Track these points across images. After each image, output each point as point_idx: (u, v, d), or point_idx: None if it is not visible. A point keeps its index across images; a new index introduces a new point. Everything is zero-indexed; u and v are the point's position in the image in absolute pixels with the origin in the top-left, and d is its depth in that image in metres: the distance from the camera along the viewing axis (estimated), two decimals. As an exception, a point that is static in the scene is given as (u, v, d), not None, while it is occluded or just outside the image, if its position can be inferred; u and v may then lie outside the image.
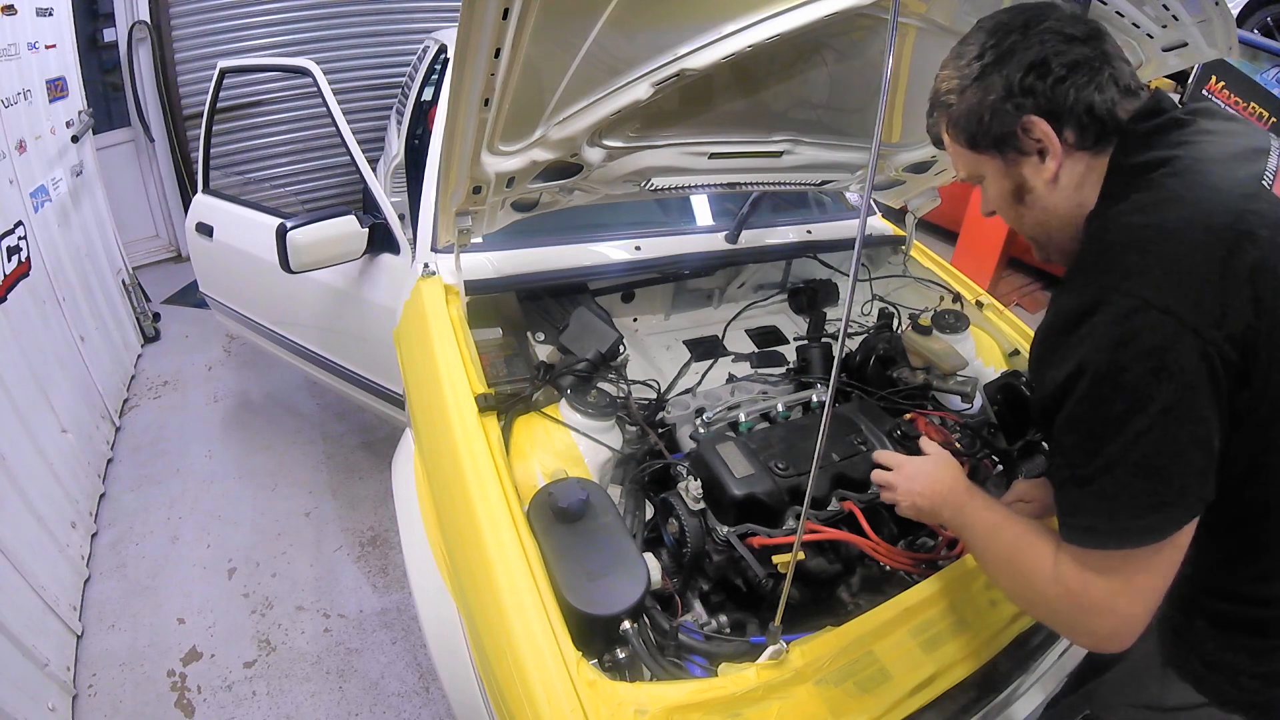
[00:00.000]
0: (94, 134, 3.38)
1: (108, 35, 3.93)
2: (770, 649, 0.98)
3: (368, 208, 2.06)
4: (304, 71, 2.20)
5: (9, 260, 2.19)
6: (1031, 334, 1.17)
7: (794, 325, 2.16)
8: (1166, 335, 0.68)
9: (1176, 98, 3.56)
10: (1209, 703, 0.87)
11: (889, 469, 1.09)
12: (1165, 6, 1.18)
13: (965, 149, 0.89)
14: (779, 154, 1.67)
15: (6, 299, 2.12)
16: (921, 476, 1.04)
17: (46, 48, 2.84)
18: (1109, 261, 0.74)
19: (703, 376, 1.78)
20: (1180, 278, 0.69)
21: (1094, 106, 0.79)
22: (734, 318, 2.07)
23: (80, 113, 3.14)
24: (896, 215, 2.19)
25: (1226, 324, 0.69)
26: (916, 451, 1.18)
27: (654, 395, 1.59)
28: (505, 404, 1.38)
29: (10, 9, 2.49)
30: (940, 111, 0.90)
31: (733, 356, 1.95)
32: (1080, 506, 0.75)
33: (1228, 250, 0.70)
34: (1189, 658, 0.90)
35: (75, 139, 3.02)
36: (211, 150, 2.57)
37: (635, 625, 1.02)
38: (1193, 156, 0.77)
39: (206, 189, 2.54)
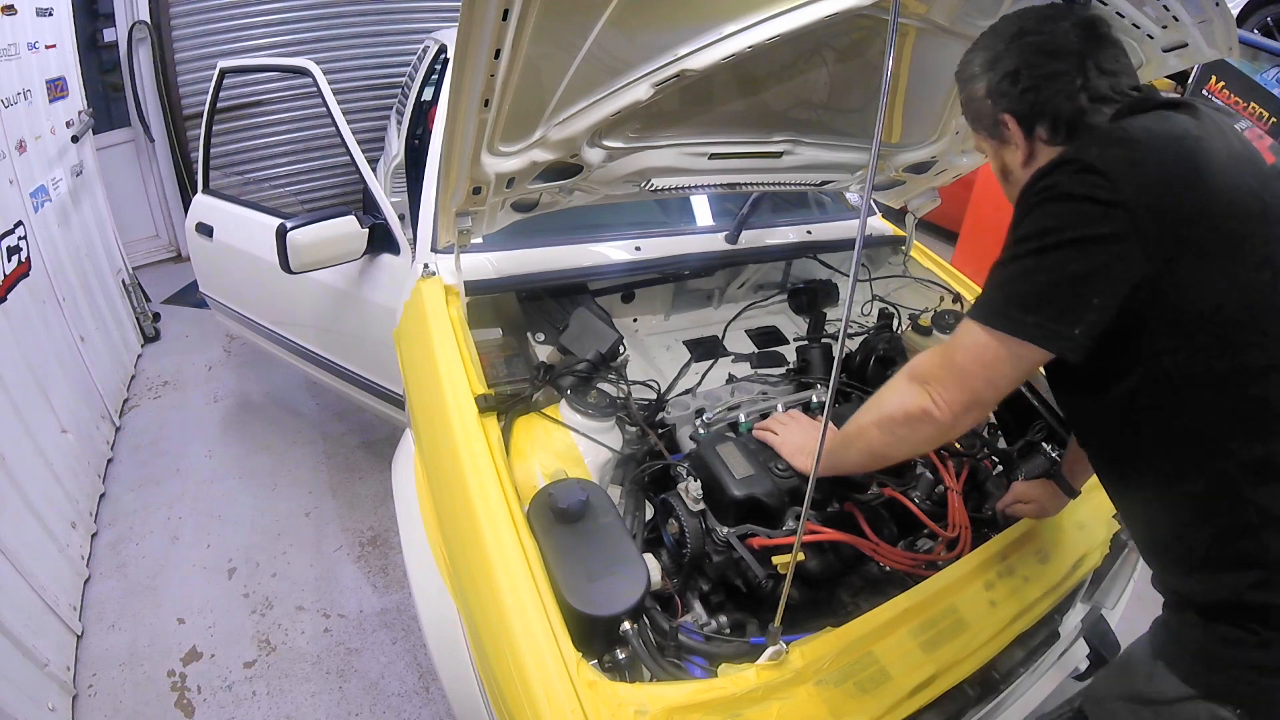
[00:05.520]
0: (94, 134, 3.38)
1: (108, 35, 3.93)
2: (770, 649, 0.98)
3: (368, 208, 2.06)
4: (304, 71, 2.20)
5: (9, 260, 2.19)
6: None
7: (794, 325, 2.16)
8: (1098, 190, 0.81)
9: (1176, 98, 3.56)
10: (1196, 695, 0.88)
11: (773, 431, 1.34)
12: (1165, 7, 1.17)
13: (972, 129, 1.08)
14: (779, 154, 1.67)
15: (6, 299, 2.12)
16: (798, 428, 1.33)
17: (46, 48, 2.84)
18: (1071, 150, 0.88)
19: (703, 377, 1.78)
20: (1127, 163, 0.82)
21: (1059, 112, 0.94)
22: (734, 318, 2.07)
23: (80, 113, 3.14)
24: (896, 215, 2.19)
25: (1160, 208, 0.80)
26: None
27: (654, 395, 1.59)
28: (505, 404, 1.38)
29: (10, 9, 2.49)
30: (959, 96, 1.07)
31: (733, 357, 1.95)
32: (986, 286, 0.91)
33: (1174, 156, 0.83)
34: (1178, 649, 0.92)
35: (75, 139, 3.02)
36: (211, 150, 2.57)
37: (635, 626, 1.02)
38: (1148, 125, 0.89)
39: (206, 189, 2.54)
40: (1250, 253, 0.82)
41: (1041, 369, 0.94)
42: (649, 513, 1.33)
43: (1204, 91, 3.43)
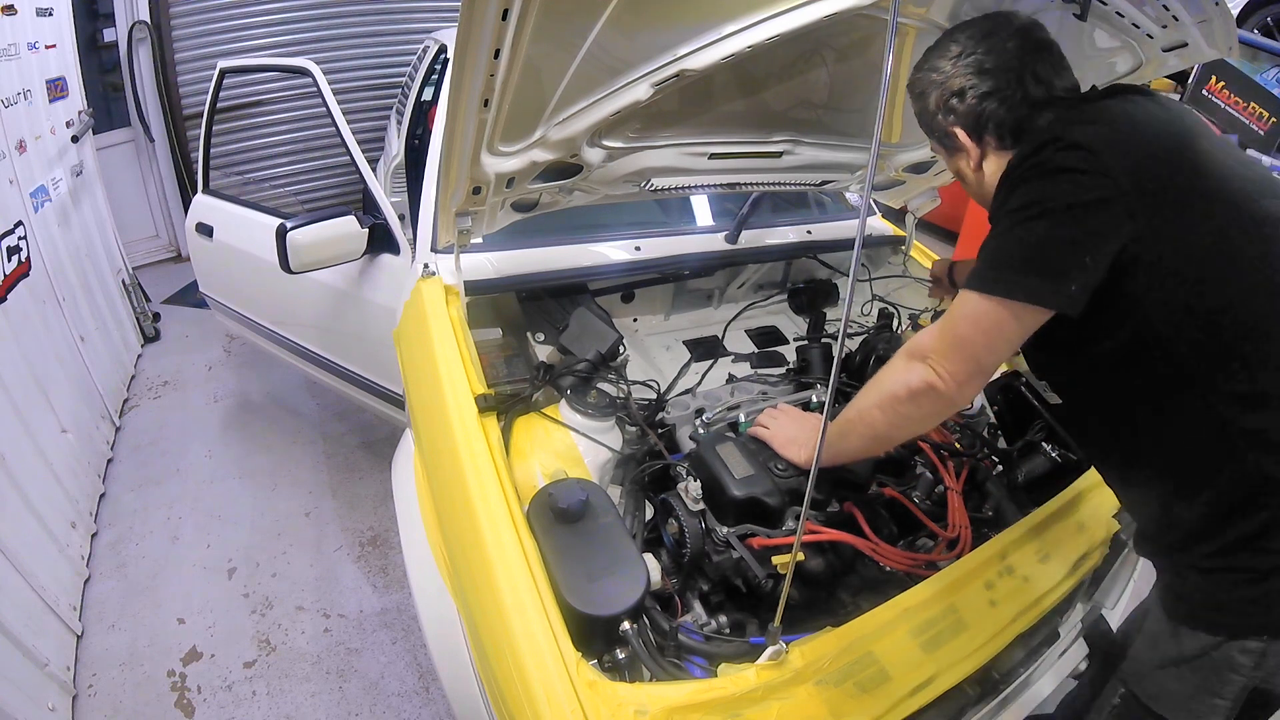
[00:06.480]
0: (94, 134, 3.38)
1: (108, 35, 3.93)
2: (770, 649, 0.98)
3: (368, 208, 2.06)
4: (304, 71, 2.20)
5: (9, 260, 2.19)
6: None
7: (794, 325, 2.16)
8: (1083, 162, 0.88)
9: (1177, 98, 3.56)
10: (1223, 639, 0.93)
11: (764, 426, 1.35)
12: (1165, 7, 1.17)
13: (926, 136, 1.16)
14: (779, 154, 1.67)
15: (6, 299, 2.12)
16: (790, 420, 1.35)
17: (46, 48, 2.84)
18: (1052, 130, 0.94)
19: (703, 377, 1.78)
20: (1106, 139, 0.90)
21: (1003, 122, 1.03)
22: (734, 318, 2.07)
23: (80, 113, 3.14)
24: (896, 215, 2.19)
25: (1139, 173, 0.88)
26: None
27: (654, 395, 1.59)
28: (505, 404, 1.38)
29: (10, 9, 2.49)
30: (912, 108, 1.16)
31: (733, 357, 1.94)
32: (979, 259, 0.95)
33: (1146, 130, 0.94)
34: (1191, 606, 0.97)
35: (75, 139, 3.02)
36: (211, 150, 2.57)
37: (635, 626, 1.02)
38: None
39: (206, 189, 2.54)
40: (1219, 206, 0.91)
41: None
42: (649, 513, 1.33)
43: (1204, 91, 3.44)
